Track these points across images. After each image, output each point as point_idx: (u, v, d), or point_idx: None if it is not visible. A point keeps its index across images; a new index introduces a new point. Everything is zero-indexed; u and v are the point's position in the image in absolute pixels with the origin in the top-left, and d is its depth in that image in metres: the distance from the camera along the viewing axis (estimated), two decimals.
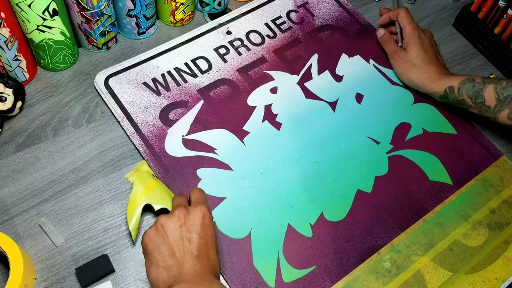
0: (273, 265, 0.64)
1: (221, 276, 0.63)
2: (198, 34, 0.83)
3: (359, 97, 0.79)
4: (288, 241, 0.66)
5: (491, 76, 0.83)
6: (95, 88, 0.77)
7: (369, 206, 0.69)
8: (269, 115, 0.76)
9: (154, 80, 0.77)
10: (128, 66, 0.78)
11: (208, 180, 0.69)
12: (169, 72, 0.78)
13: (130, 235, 0.64)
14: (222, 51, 0.82)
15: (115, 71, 0.77)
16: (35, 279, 0.61)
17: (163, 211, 0.64)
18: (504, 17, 0.81)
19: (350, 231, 0.67)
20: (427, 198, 0.71)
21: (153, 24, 0.83)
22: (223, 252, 0.64)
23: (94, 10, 0.72)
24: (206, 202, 0.60)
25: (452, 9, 0.94)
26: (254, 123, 0.75)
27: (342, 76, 0.81)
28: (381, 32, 0.83)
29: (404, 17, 0.79)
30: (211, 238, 0.57)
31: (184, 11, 0.83)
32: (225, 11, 0.89)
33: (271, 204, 0.68)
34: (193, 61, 0.80)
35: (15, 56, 0.71)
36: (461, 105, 0.73)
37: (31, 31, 0.70)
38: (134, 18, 0.79)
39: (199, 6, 0.87)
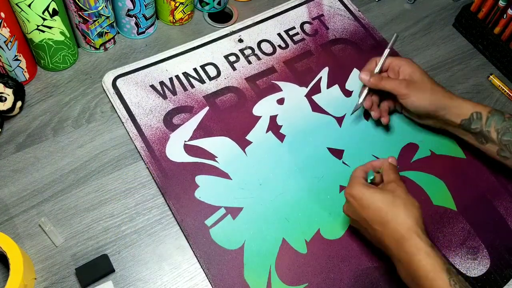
0: (264, 279, 0.62)
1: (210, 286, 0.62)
2: (210, 40, 0.83)
3: (367, 114, 0.77)
4: (281, 256, 0.64)
5: (491, 75, 0.83)
6: (102, 87, 0.77)
7: None
8: (274, 126, 0.75)
9: (162, 83, 0.77)
10: (137, 68, 0.78)
11: (206, 187, 0.68)
12: (177, 77, 0.78)
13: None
14: (232, 58, 0.81)
15: (124, 71, 0.78)
16: (35, 279, 0.61)
17: None
18: (504, 17, 0.82)
19: (346, 251, 0.65)
20: (429, 222, 0.68)
21: (152, 24, 0.83)
22: (214, 262, 0.63)
23: (92, 11, 0.72)
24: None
25: (452, 9, 0.93)
26: (258, 133, 0.74)
27: (352, 91, 0.80)
28: (365, 75, 0.71)
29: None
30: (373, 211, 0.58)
31: (183, 11, 0.83)
32: (226, 13, 0.89)
33: (267, 217, 0.67)
34: (202, 67, 0.80)
35: (15, 56, 0.71)
36: (479, 137, 0.66)
37: (31, 31, 0.70)
38: (134, 18, 0.79)
39: (198, 5, 0.87)
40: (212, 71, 0.79)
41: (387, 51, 0.73)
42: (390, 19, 0.91)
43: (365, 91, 0.72)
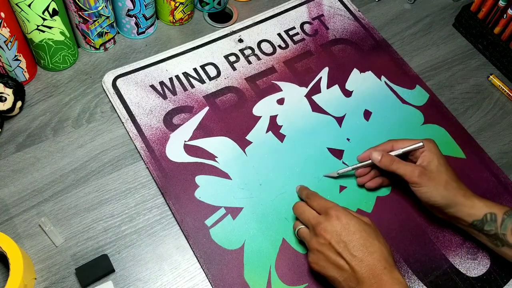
0: (264, 279, 0.62)
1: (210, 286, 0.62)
2: (210, 40, 0.83)
3: (367, 114, 0.77)
4: (281, 256, 0.64)
5: (491, 75, 0.83)
6: (102, 87, 0.77)
7: None
8: (274, 126, 0.75)
9: (162, 83, 0.77)
10: (137, 68, 0.78)
11: (206, 187, 0.68)
12: (177, 77, 0.78)
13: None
14: (232, 58, 0.81)
15: (124, 72, 0.78)
16: (35, 279, 0.61)
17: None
18: (504, 17, 0.82)
19: None
20: (429, 223, 0.68)
21: (152, 24, 0.83)
22: (214, 262, 0.63)
23: (92, 11, 0.72)
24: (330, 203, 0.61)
25: (452, 9, 0.93)
26: (258, 133, 0.74)
27: (352, 91, 0.80)
28: (377, 154, 0.66)
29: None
30: (359, 232, 0.57)
31: (183, 11, 0.83)
32: (226, 13, 0.89)
33: (267, 217, 0.67)
34: (202, 67, 0.80)
35: (15, 56, 0.71)
36: (494, 239, 0.61)
37: (31, 31, 0.70)
38: (134, 18, 0.79)
39: (198, 5, 0.87)
40: (212, 71, 0.79)
41: (405, 150, 0.66)
42: (390, 19, 0.91)
43: (365, 163, 0.68)
